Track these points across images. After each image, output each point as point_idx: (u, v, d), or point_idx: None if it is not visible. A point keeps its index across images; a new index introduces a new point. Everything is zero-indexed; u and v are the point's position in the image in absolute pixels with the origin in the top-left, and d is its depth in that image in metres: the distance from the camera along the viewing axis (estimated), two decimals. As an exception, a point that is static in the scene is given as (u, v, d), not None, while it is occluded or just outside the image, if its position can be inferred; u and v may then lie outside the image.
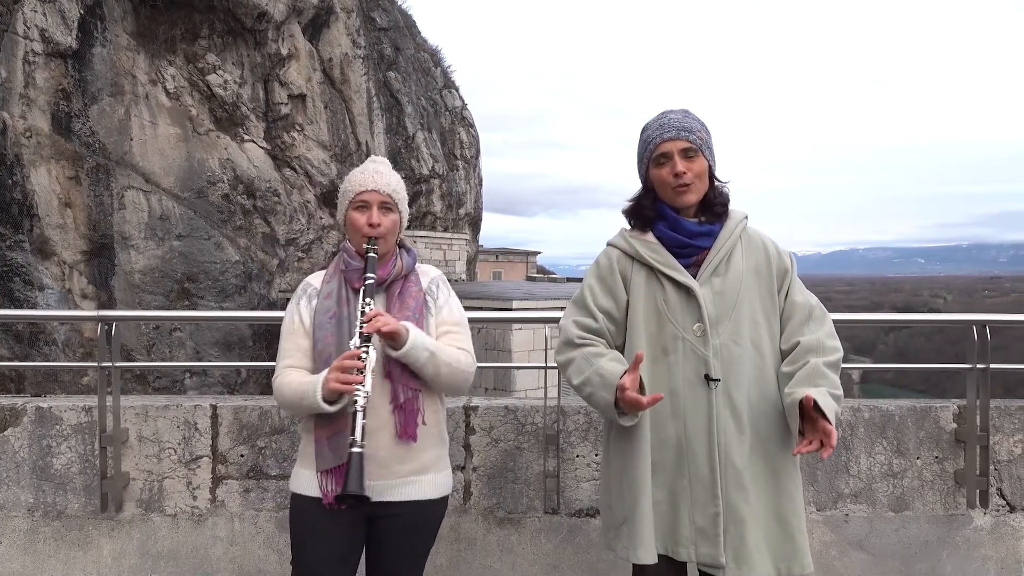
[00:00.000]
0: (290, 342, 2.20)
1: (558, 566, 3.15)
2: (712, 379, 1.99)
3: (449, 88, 29.78)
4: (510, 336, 16.63)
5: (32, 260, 16.44)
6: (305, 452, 2.19)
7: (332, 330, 2.14)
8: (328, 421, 2.09)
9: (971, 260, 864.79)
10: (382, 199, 2.19)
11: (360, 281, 2.15)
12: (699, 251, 2.06)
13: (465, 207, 28.84)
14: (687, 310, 2.02)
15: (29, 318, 17.73)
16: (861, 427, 3.22)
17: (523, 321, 9.72)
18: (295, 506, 2.20)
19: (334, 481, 2.08)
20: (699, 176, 2.03)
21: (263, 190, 20.08)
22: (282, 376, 2.16)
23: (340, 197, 2.26)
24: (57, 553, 3.15)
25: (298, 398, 2.08)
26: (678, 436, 2.01)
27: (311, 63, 22.15)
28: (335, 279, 2.23)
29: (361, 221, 2.17)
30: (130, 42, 18.46)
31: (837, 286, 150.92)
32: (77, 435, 3.18)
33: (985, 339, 3.18)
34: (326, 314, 2.16)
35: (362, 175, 2.22)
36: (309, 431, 2.18)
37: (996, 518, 3.24)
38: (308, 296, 2.24)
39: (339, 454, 2.07)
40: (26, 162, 16.42)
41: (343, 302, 2.17)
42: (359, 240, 2.19)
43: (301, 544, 2.15)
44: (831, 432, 1.85)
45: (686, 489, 2.00)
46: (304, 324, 2.20)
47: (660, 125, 2.05)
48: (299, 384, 2.09)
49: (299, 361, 2.18)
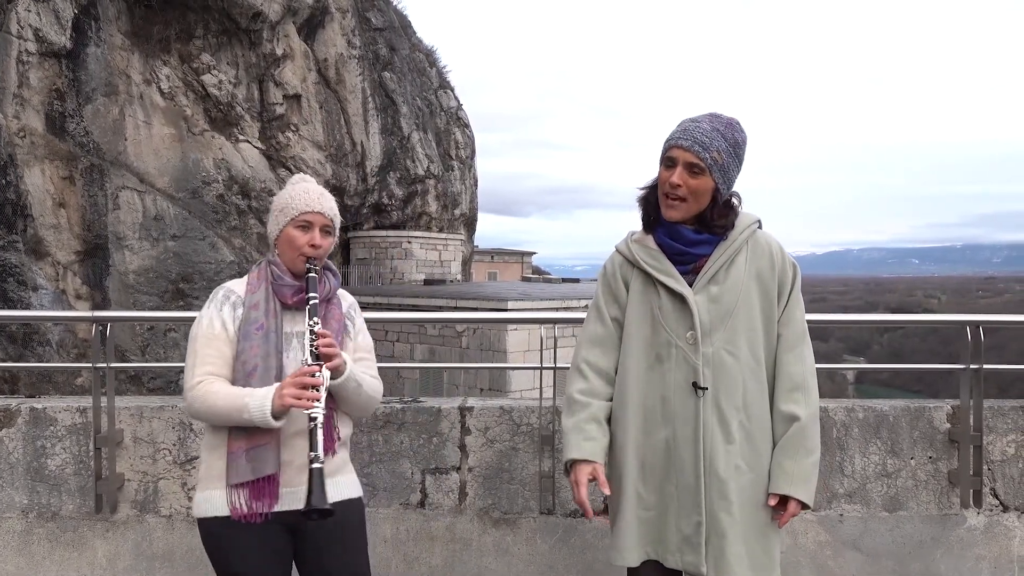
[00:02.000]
0: (211, 348, 2.12)
1: (554, 566, 3.16)
2: (700, 387, 1.99)
3: (444, 88, 29.77)
4: (505, 337, 16.64)
5: (26, 260, 16.39)
6: (212, 473, 2.10)
7: (259, 342, 2.09)
8: (248, 434, 2.03)
9: (965, 260, 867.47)
10: (325, 222, 2.19)
11: (292, 298, 2.14)
12: (698, 258, 2.05)
13: (460, 207, 28.84)
14: (681, 318, 2.02)
15: (23, 319, 17.68)
16: (855, 427, 3.23)
17: (518, 322, 9.74)
18: (210, 531, 2.10)
19: (247, 495, 2.03)
20: (695, 194, 1.98)
21: (258, 190, 20.06)
22: (207, 384, 2.06)
23: (277, 212, 2.22)
24: (51, 554, 3.14)
25: (235, 410, 1.99)
26: (667, 442, 2.02)
27: (306, 63, 22.13)
28: (261, 290, 2.17)
29: (302, 240, 2.15)
30: (124, 42, 18.42)
31: (832, 286, 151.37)
32: (71, 436, 3.17)
33: (979, 339, 3.19)
34: (253, 325, 2.11)
35: (307, 196, 2.19)
36: (218, 448, 2.09)
37: (990, 518, 3.25)
38: (232, 304, 2.17)
39: (257, 468, 2.02)
40: (20, 162, 16.37)
41: (272, 315, 2.14)
42: (295, 258, 2.17)
43: (231, 568, 2.09)
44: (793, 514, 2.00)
45: (673, 495, 2.02)
46: (228, 331, 2.13)
47: (684, 129, 1.99)
48: (236, 396, 2.01)
49: (219, 369, 2.10)
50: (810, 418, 2.01)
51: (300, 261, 2.16)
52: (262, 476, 2.02)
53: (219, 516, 2.07)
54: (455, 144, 29.06)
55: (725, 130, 1.99)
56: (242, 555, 2.07)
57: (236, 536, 2.06)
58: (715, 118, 2.01)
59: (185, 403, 2.11)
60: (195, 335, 2.15)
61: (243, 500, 2.03)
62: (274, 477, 2.03)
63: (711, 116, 2.02)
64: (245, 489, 2.03)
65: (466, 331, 17.37)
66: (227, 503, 2.05)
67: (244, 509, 2.03)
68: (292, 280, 2.17)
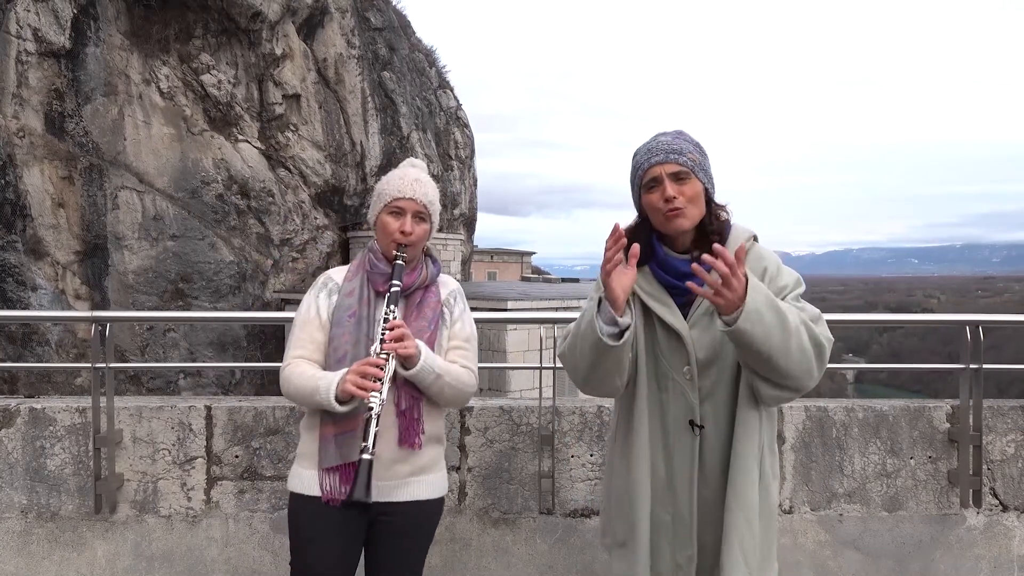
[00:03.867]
0: (304, 332, 2.19)
1: (553, 566, 3.16)
2: (697, 426, 1.95)
3: (444, 88, 29.75)
4: (505, 336, 16.63)
5: (25, 260, 16.39)
6: (306, 451, 2.19)
7: (351, 329, 2.14)
8: (336, 419, 2.09)
9: (964, 260, 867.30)
10: (418, 208, 2.19)
11: (384, 285, 2.15)
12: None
13: (460, 207, 28.83)
14: (677, 352, 1.97)
15: (22, 319, 17.67)
16: (855, 427, 3.23)
17: (518, 322, 9.76)
18: (294, 506, 2.19)
19: (337, 479, 2.09)
20: (692, 200, 1.92)
21: (257, 190, 20.05)
22: (293, 365, 2.14)
23: (375, 197, 2.26)
24: (51, 555, 3.13)
25: (310, 392, 2.07)
26: (668, 473, 2.00)
27: (305, 63, 22.11)
28: (358, 278, 2.22)
29: (394, 227, 2.17)
30: (124, 42, 18.41)
31: (831, 286, 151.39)
32: (71, 436, 3.17)
33: (978, 339, 3.19)
34: (346, 312, 2.16)
35: (401, 181, 2.21)
36: (313, 428, 2.17)
37: (989, 517, 3.25)
38: (329, 291, 2.23)
39: (344, 453, 2.07)
40: (19, 162, 16.36)
41: (364, 302, 2.18)
42: (388, 244, 2.19)
43: (302, 544, 2.15)
44: (734, 268, 1.70)
45: (669, 525, 2.00)
46: (321, 317, 2.19)
47: (649, 149, 1.96)
48: (312, 377, 2.09)
49: (311, 353, 2.17)
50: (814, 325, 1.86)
51: (392, 247, 2.17)
52: (349, 462, 2.06)
53: (307, 494, 2.15)
54: (454, 144, 29.04)
55: (683, 136, 1.98)
56: (320, 532, 2.13)
57: (319, 514, 2.12)
58: (665, 132, 2.01)
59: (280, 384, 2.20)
60: (295, 320, 2.23)
61: (333, 484, 2.10)
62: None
63: (659, 133, 2.02)
64: (336, 473, 2.10)
65: (465, 331, 17.35)
66: (319, 484, 2.12)
67: (333, 492, 2.09)
68: (386, 267, 2.19)
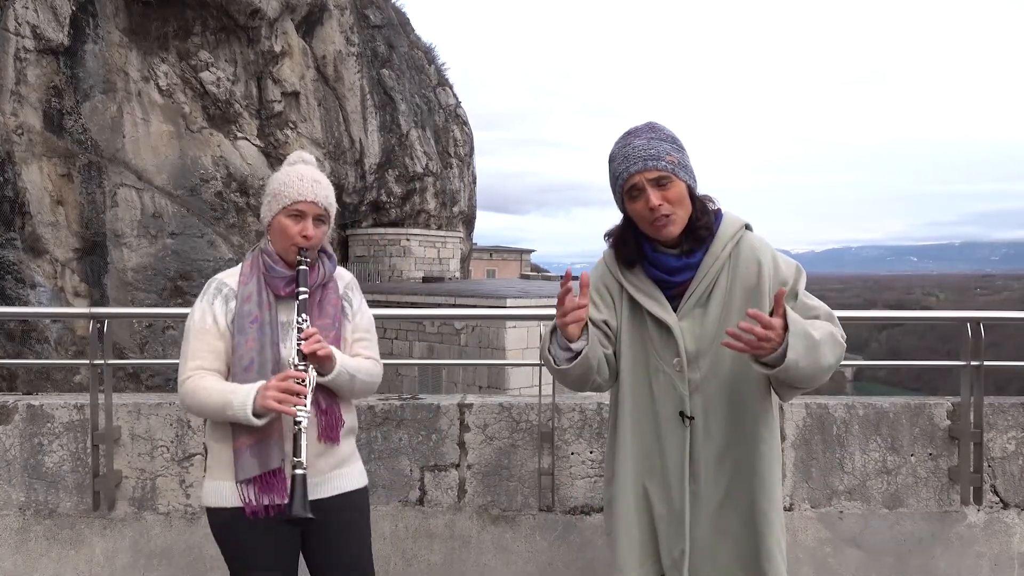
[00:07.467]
0: (201, 342, 2.09)
1: (553, 563, 3.15)
2: (687, 416, 1.94)
3: (443, 86, 29.73)
4: (504, 334, 16.64)
5: (24, 258, 16.37)
6: (220, 462, 2.09)
7: (254, 335, 2.06)
8: (250, 430, 2.01)
9: (963, 258, 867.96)
10: (318, 212, 2.13)
11: (284, 288, 2.10)
12: (682, 282, 1.97)
13: (459, 205, 28.81)
14: (667, 344, 1.96)
15: (20, 315, 17.64)
16: (855, 424, 3.23)
17: (517, 319, 9.79)
18: (218, 521, 2.10)
19: (256, 490, 2.02)
20: (678, 203, 1.90)
21: (256, 187, 20.02)
22: (196, 379, 2.04)
23: (270, 197, 2.16)
24: (49, 552, 3.13)
25: (219, 407, 1.98)
26: (663, 468, 1.99)
27: (304, 60, 22.10)
28: (253, 281, 2.13)
29: (294, 230, 2.10)
30: (122, 39, 18.38)
31: (830, 284, 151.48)
32: (69, 433, 3.16)
33: (979, 336, 3.18)
34: (247, 318, 2.08)
35: (301, 183, 2.12)
36: (224, 440, 2.07)
37: (990, 515, 3.25)
38: (224, 296, 2.13)
39: (263, 462, 2.01)
40: (17, 159, 16.34)
41: (265, 307, 2.10)
42: (286, 247, 2.12)
43: (241, 560, 2.09)
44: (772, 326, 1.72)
45: (664, 519, 1.99)
46: (219, 325, 2.10)
47: (625, 156, 1.90)
48: (221, 392, 1.99)
49: (211, 363, 2.08)
50: (829, 324, 1.89)
51: (292, 251, 2.12)
52: (268, 470, 2.01)
53: (228, 507, 2.07)
54: (453, 141, 29.02)
55: (656, 133, 1.93)
56: (252, 546, 2.07)
57: (246, 527, 2.05)
58: (637, 131, 1.95)
59: (179, 398, 2.10)
60: (188, 329, 2.13)
61: (253, 494, 2.03)
62: (280, 471, 2.02)
63: (630, 133, 1.95)
64: (254, 484, 2.03)
65: (465, 328, 17.36)
66: (239, 497, 2.04)
67: (256, 503, 2.02)
68: (284, 270, 2.13)
